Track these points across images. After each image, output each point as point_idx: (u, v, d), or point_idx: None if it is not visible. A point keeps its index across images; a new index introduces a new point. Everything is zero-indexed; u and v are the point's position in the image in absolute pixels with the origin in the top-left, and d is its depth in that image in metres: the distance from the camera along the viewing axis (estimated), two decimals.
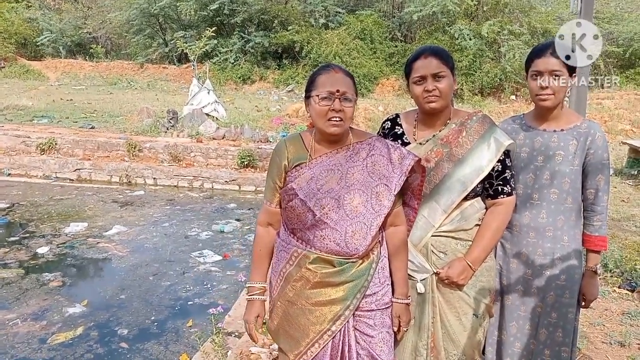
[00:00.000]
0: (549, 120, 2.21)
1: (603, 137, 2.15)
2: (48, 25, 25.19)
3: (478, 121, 2.13)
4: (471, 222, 2.10)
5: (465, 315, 2.09)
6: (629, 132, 12.75)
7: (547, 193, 2.17)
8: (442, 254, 2.09)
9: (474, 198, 2.11)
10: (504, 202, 2.11)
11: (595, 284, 2.21)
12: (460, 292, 2.08)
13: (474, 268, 2.06)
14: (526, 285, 2.21)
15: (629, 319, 3.69)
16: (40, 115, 13.49)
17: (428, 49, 2.11)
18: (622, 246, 5.01)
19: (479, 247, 2.08)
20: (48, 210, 8.30)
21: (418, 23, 20.74)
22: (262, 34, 21.43)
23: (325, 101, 1.86)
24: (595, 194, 2.16)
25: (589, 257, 2.21)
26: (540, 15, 18.82)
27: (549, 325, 2.17)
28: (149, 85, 21.08)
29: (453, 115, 2.16)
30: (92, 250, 6.63)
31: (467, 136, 2.09)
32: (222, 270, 6.08)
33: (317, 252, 1.89)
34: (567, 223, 2.17)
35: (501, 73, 17.62)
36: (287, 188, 1.93)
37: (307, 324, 1.92)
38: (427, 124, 2.17)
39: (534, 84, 2.16)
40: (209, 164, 10.48)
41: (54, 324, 4.73)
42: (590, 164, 2.14)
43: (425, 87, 2.05)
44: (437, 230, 2.08)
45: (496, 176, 2.09)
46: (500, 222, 2.11)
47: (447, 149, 2.08)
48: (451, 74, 2.07)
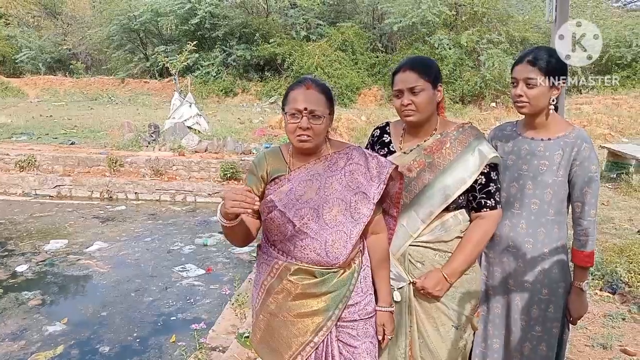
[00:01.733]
0: (537, 128, 2.16)
1: (591, 149, 2.06)
2: (27, 42, 25.03)
3: (464, 132, 2.10)
4: (451, 233, 2.07)
5: (443, 326, 2.06)
6: (607, 136, 12.94)
7: (529, 203, 2.12)
8: (419, 263, 2.07)
9: (456, 210, 2.08)
10: (486, 215, 2.07)
11: (581, 300, 2.12)
12: (438, 303, 2.05)
13: (450, 280, 2.02)
14: (509, 297, 2.17)
15: (611, 321, 3.71)
16: (20, 132, 13.32)
17: (409, 62, 2.09)
18: (602, 249, 5.06)
19: (458, 259, 2.04)
20: (27, 227, 8.16)
21: (398, 34, 21.00)
22: (244, 47, 21.51)
23: (293, 118, 1.86)
24: (582, 207, 2.08)
25: (576, 273, 2.14)
26: (517, 24, 19.17)
27: (533, 339, 2.12)
28: (130, 100, 20.97)
29: (440, 126, 2.13)
30: (73, 267, 6.52)
31: (450, 147, 2.07)
32: (205, 284, 6.01)
33: (298, 263, 1.88)
34: (548, 236, 2.11)
35: (481, 81, 17.88)
36: (266, 200, 1.92)
37: (289, 336, 1.90)
38: (412, 133, 2.16)
39: (513, 91, 2.14)
40: (192, 177, 10.40)
41: (33, 343, 4.62)
42: (575, 176, 2.07)
43: (402, 101, 2.05)
44: (416, 240, 2.06)
45: (479, 189, 2.06)
46: (481, 236, 2.07)
47: (430, 159, 2.07)
48: (432, 87, 2.05)
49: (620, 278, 4.36)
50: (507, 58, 17.65)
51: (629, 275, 4.36)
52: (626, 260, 4.66)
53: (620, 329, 3.62)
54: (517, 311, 2.15)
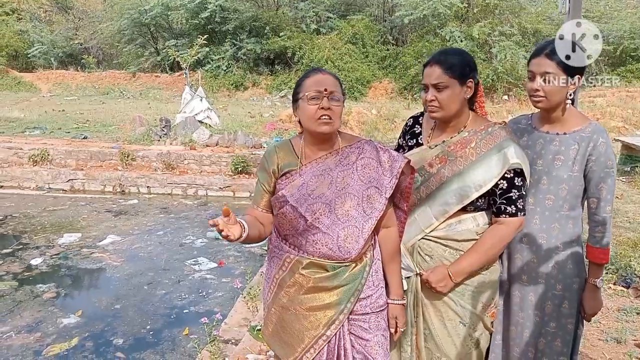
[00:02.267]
0: (553, 123, 2.11)
1: (607, 144, 2.01)
2: (39, 37, 25.18)
3: (492, 133, 2.02)
4: (465, 234, 2.03)
5: (450, 321, 2.04)
6: (621, 129, 12.80)
7: (543, 198, 2.08)
8: (427, 257, 2.06)
9: (475, 212, 2.04)
10: (505, 221, 2.01)
11: (596, 297, 2.09)
12: (446, 298, 2.03)
13: (455, 279, 1.99)
14: (523, 292, 2.15)
15: (625, 316, 3.68)
16: (33, 127, 13.43)
17: (437, 56, 2.04)
18: (616, 243, 5.01)
19: (466, 260, 2.00)
20: (41, 221, 8.25)
21: (409, 26, 20.86)
22: (254, 40, 21.48)
23: (314, 100, 1.85)
24: (597, 203, 2.04)
25: (590, 269, 2.10)
26: (530, 16, 18.95)
27: (547, 334, 2.11)
28: (141, 94, 21.05)
29: (471, 123, 2.08)
30: (86, 260, 6.59)
31: (475, 147, 2.01)
32: (217, 277, 6.06)
33: (310, 257, 1.88)
34: (562, 231, 2.07)
35: (493, 74, 17.71)
36: (277, 195, 1.92)
37: (301, 329, 1.91)
38: (441, 128, 2.11)
39: (528, 85, 2.09)
40: (203, 171, 10.45)
41: (48, 336, 4.69)
42: (591, 171, 2.03)
43: (426, 96, 2.03)
44: (428, 234, 2.06)
45: (500, 194, 2.00)
46: (496, 241, 2.01)
47: (452, 157, 2.02)
48: (458, 83, 1.99)
49: (635, 272, 4.32)
50: (519, 50, 17.48)
51: None
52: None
53: (635, 323, 3.59)
54: (530, 306, 2.13)
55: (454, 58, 2.02)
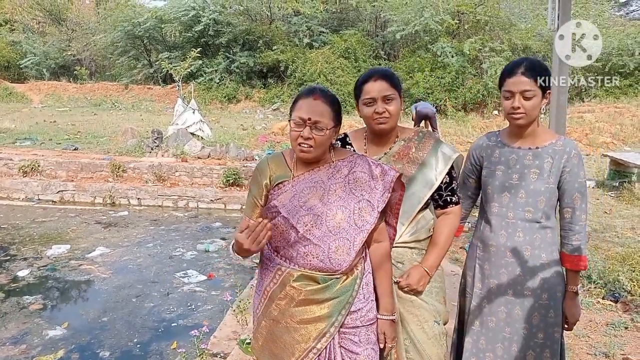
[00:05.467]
0: (524, 138, 2.20)
1: (579, 156, 2.13)
2: (32, 48, 25.17)
3: (425, 137, 2.21)
4: (423, 232, 2.18)
5: (426, 323, 2.12)
6: (609, 145, 12.94)
7: (522, 211, 2.16)
8: (399, 264, 2.14)
9: (425, 210, 2.19)
10: (452, 210, 2.21)
11: (576, 304, 2.17)
12: (419, 300, 2.12)
13: (431, 273, 2.13)
14: (509, 307, 2.18)
15: (613, 330, 3.70)
16: (23, 138, 13.37)
17: (378, 71, 2.15)
18: (605, 257, 5.05)
19: (434, 254, 2.16)
20: (30, 232, 8.18)
21: (401, 41, 21.03)
22: (247, 54, 21.59)
23: (297, 127, 1.88)
24: (572, 212, 2.13)
25: (569, 277, 2.17)
26: (520, 32, 19.19)
27: (536, 346, 2.13)
28: (133, 106, 21.03)
29: (400, 133, 2.22)
30: (75, 272, 6.52)
31: (416, 152, 2.16)
32: (206, 290, 6.01)
33: (301, 269, 1.88)
34: (544, 241, 2.15)
35: (483, 89, 17.89)
36: (269, 206, 1.93)
37: (292, 342, 1.90)
38: (376, 142, 2.22)
39: (506, 103, 2.14)
40: (194, 183, 10.42)
41: (33, 347, 4.62)
42: (566, 182, 2.12)
43: (376, 109, 2.09)
44: (397, 242, 2.12)
45: (445, 187, 2.18)
46: (450, 229, 2.20)
47: (400, 164, 2.13)
48: (399, 97, 2.12)
49: (623, 286, 4.35)
50: None
51: (632, 284, 4.35)
52: (628, 269, 4.65)
53: (623, 337, 3.61)
54: (517, 320, 2.16)
55: (393, 74, 2.17)
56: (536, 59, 2.22)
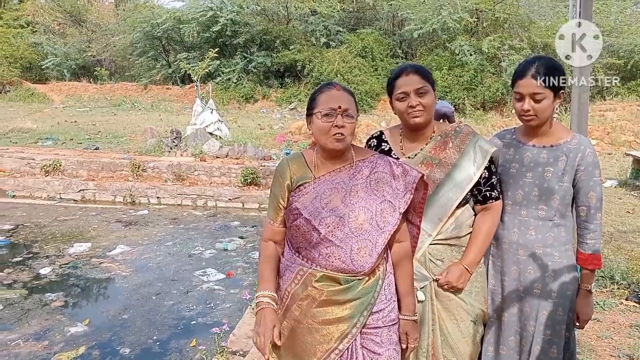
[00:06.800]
0: (539, 136, 2.20)
1: (593, 154, 2.13)
2: (52, 50, 25.52)
3: (461, 132, 2.19)
4: (464, 229, 2.15)
5: (463, 322, 2.12)
6: (632, 144, 12.72)
7: (536, 210, 2.16)
8: (439, 261, 2.13)
9: (464, 205, 2.16)
10: (492, 206, 2.17)
11: (589, 303, 2.18)
12: (458, 299, 2.11)
13: (471, 271, 2.12)
14: (520, 303, 2.20)
15: (637, 332, 3.63)
16: (45, 138, 13.59)
17: (409, 66, 2.17)
18: (628, 258, 4.96)
19: (474, 250, 2.13)
20: (52, 231, 8.31)
21: (419, 40, 20.91)
22: (264, 53, 21.66)
23: (327, 117, 1.87)
24: (588, 211, 2.13)
25: (583, 275, 2.18)
26: (540, 30, 18.92)
27: (543, 342, 2.14)
28: (152, 106, 21.23)
29: (436, 129, 2.21)
30: (95, 270, 6.61)
31: (453, 147, 2.15)
32: (225, 288, 6.05)
33: (324, 270, 1.88)
34: (557, 240, 2.15)
35: (503, 87, 17.69)
36: (291, 208, 1.93)
37: (314, 342, 1.89)
38: (412, 138, 2.21)
39: (517, 105, 2.15)
40: (213, 183, 10.50)
41: (55, 344, 4.70)
42: (580, 181, 2.12)
43: (409, 103, 2.09)
44: (435, 239, 2.12)
45: (484, 182, 2.15)
46: (490, 225, 2.17)
47: (437, 160, 2.13)
48: (432, 90, 2.12)
49: None
50: None
51: None
52: None
53: None
54: (528, 316, 2.18)
55: (424, 68, 2.20)
56: (549, 57, 2.19)
